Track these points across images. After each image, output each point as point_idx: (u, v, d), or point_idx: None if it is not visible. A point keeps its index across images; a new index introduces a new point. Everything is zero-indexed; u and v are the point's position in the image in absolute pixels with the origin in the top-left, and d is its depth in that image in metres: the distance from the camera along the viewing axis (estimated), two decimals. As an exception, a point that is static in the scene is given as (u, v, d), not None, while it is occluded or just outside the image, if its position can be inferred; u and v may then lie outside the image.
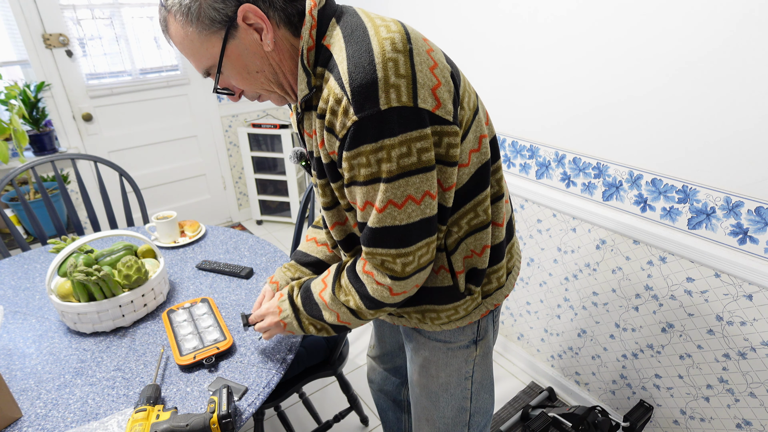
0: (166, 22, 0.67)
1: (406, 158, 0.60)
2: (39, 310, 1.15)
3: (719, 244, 1.15)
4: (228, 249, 1.45)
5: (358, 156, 0.61)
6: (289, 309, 0.84)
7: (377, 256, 0.68)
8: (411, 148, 0.60)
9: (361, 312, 0.75)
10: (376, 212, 0.64)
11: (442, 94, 0.62)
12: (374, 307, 0.74)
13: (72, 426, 0.82)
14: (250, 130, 2.87)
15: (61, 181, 1.66)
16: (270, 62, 0.68)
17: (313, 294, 0.81)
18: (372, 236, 0.66)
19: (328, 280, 0.79)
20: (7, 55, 2.25)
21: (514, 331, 1.92)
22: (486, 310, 0.82)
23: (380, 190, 0.62)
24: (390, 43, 0.59)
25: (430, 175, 0.63)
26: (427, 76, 0.61)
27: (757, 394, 1.18)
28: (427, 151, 0.61)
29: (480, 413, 0.92)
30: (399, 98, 0.58)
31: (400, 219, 0.63)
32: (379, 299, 0.72)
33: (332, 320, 0.79)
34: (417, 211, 0.63)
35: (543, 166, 1.53)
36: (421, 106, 0.59)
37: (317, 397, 1.79)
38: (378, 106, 0.58)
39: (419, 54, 0.61)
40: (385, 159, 0.60)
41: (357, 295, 0.74)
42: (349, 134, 0.60)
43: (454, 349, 0.85)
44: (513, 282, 0.87)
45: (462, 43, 1.65)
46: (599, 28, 1.24)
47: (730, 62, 1.02)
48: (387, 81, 0.58)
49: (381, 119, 0.58)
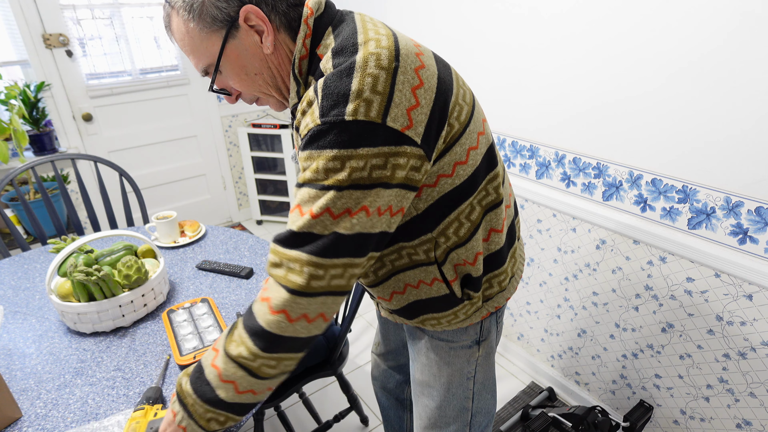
0: (169, 18, 0.68)
1: (359, 172, 0.58)
2: (39, 310, 1.15)
3: (719, 244, 1.15)
4: (228, 249, 1.45)
5: (310, 159, 0.59)
6: (179, 408, 0.70)
7: (285, 260, 0.61)
8: (366, 163, 0.58)
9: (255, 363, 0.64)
10: (309, 217, 0.59)
11: (416, 116, 0.60)
12: (270, 348, 0.63)
13: (72, 426, 0.82)
14: (250, 130, 2.88)
15: (61, 181, 1.66)
16: (269, 65, 0.69)
17: (205, 370, 0.68)
18: (290, 238, 0.61)
19: (219, 343, 0.68)
20: (7, 55, 2.25)
21: (514, 331, 1.92)
22: (487, 312, 0.82)
23: (322, 197, 0.59)
24: (375, 58, 0.58)
25: (382, 193, 0.59)
26: (406, 96, 0.59)
27: (757, 394, 1.18)
28: (381, 168, 0.58)
29: (482, 413, 0.92)
30: (367, 113, 0.56)
31: (330, 228, 0.59)
32: (276, 331, 0.62)
33: (230, 396, 0.66)
34: (350, 225, 0.59)
35: (543, 166, 1.53)
36: (389, 124, 0.57)
37: (317, 397, 1.79)
38: (343, 116, 0.57)
39: (405, 72, 0.60)
40: (337, 169, 0.58)
41: (249, 339, 0.63)
42: (309, 135, 0.59)
43: (457, 348, 0.85)
44: (515, 285, 0.87)
45: (461, 42, 1.65)
46: (598, 27, 1.24)
47: (731, 61, 1.02)
48: (360, 94, 0.57)
49: (343, 129, 0.57)
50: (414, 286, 0.77)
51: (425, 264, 0.74)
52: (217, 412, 0.68)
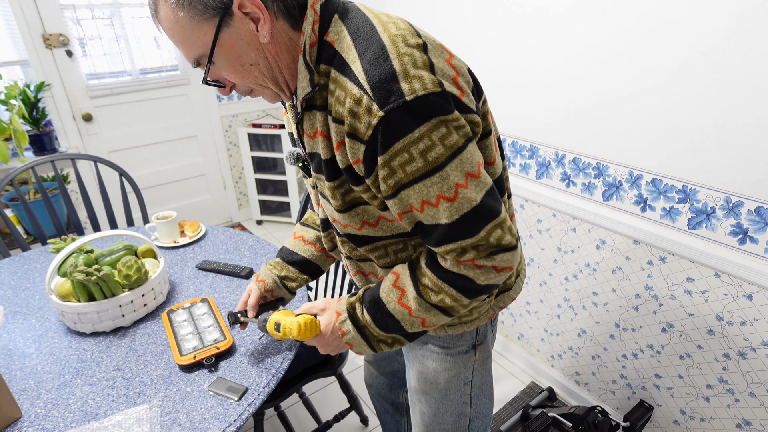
0: (156, 4, 0.63)
1: (449, 138, 0.57)
2: (39, 310, 1.15)
3: (719, 244, 1.14)
4: (228, 249, 1.45)
5: (397, 155, 0.57)
6: (353, 330, 0.76)
7: (469, 248, 0.62)
8: (449, 127, 0.57)
9: (458, 307, 0.69)
10: (449, 203, 0.59)
11: (462, 84, 0.61)
12: (475, 295, 0.68)
13: (72, 426, 0.82)
14: (250, 130, 2.88)
15: (61, 181, 1.66)
16: (265, 55, 0.64)
17: (387, 305, 0.72)
18: (454, 230, 0.61)
19: (403, 284, 0.71)
20: (7, 55, 2.25)
21: (514, 331, 1.92)
22: (493, 313, 0.81)
23: (440, 179, 0.58)
24: (402, 39, 0.59)
25: (473, 146, 0.60)
26: (446, 67, 0.60)
27: (757, 394, 1.18)
28: (463, 127, 0.59)
29: (479, 418, 0.91)
30: (424, 86, 0.56)
31: (474, 197, 0.59)
32: (489, 283, 0.66)
33: (414, 328, 0.72)
34: (480, 184, 0.60)
35: (543, 166, 1.52)
36: (449, 89, 0.58)
37: (317, 397, 1.79)
38: (404, 96, 0.55)
39: (434, 47, 0.61)
40: (430, 147, 0.57)
41: (454, 290, 0.67)
42: (379, 133, 0.57)
43: (453, 354, 0.84)
44: (521, 285, 0.85)
45: (460, 41, 1.65)
46: (598, 25, 1.24)
47: (731, 61, 1.02)
48: (406, 72, 0.56)
49: (410, 109, 0.55)
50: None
51: None
52: (393, 336, 0.75)
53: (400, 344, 0.76)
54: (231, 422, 0.82)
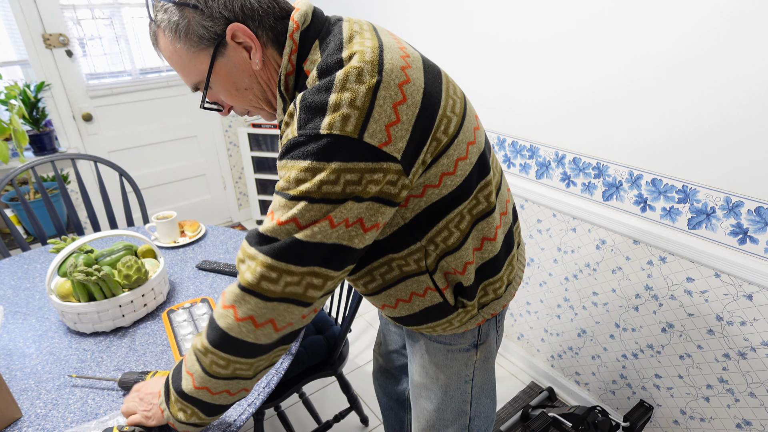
0: (155, 36, 0.68)
1: (330, 185, 0.57)
2: (39, 310, 1.15)
3: (719, 244, 1.15)
4: (228, 249, 1.45)
5: (284, 168, 0.60)
6: (164, 391, 0.74)
7: (246, 257, 0.62)
8: (339, 177, 0.57)
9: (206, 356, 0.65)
10: (276, 224, 0.60)
11: (396, 132, 0.58)
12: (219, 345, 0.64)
13: (72, 426, 0.82)
14: (250, 130, 2.87)
15: (61, 181, 1.66)
16: (258, 80, 0.69)
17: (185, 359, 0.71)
18: (254, 237, 0.62)
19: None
20: (7, 55, 2.25)
21: (514, 331, 1.92)
22: (483, 319, 0.81)
23: (292, 207, 0.59)
24: (356, 72, 0.57)
25: (352, 205, 0.59)
26: (386, 112, 0.57)
27: (757, 394, 1.18)
28: (355, 183, 0.58)
29: (480, 417, 0.92)
30: (343, 128, 0.56)
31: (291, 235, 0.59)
32: (223, 327, 0.63)
33: (190, 389, 0.68)
34: (312, 232, 0.59)
35: (543, 166, 1.53)
36: (366, 140, 0.56)
37: (317, 397, 1.79)
38: (318, 129, 0.57)
39: (387, 87, 0.58)
40: (308, 180, 0.58)
41: (206, 331, 0.66)
42: (286, 146, 0.60)
43: (455, 351, 0.84)
44: (513, 292, 0.85)
45: (460, 40, 1.65)
46: (598, 25, 1.24)
47: (731, 60, 1.02)
48: (337, 108, 0.56)
49: (316, 142, 0.57)
50: (406, 300, 0.77)
51: (416, 274, 0.73)
52: (183, 403, 0.70)
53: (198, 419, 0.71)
54: (231, 422, 0.82)
